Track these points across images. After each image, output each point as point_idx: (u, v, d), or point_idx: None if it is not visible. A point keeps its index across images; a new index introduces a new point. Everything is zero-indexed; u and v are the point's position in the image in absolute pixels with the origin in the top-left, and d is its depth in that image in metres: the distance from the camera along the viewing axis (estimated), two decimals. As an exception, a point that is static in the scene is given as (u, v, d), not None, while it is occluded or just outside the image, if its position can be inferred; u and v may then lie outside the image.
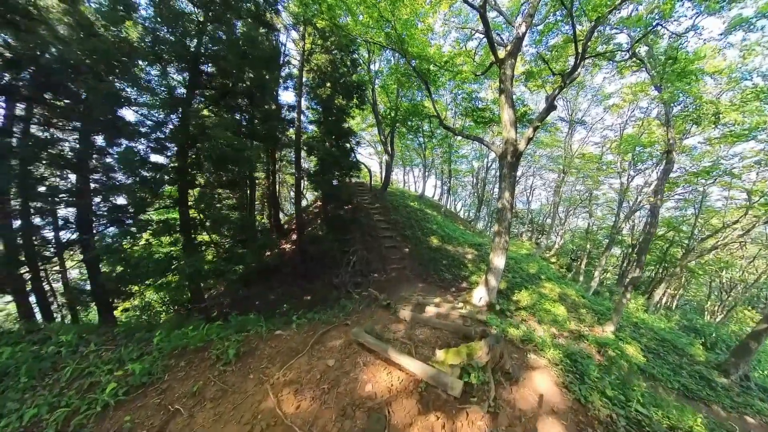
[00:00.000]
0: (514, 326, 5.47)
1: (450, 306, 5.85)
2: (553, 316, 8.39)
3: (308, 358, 3.97)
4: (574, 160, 16.94)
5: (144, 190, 6.87)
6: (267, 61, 8.55)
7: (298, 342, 4.44)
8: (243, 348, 4.35)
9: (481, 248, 13.06)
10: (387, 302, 5.72)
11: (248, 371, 3.85)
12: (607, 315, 9.58)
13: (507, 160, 6.72)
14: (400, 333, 4.56)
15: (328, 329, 4.72)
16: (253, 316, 5.62)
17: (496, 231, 7.07)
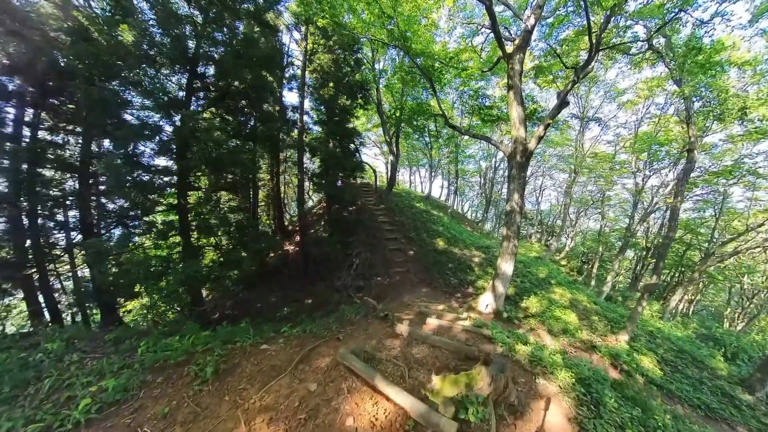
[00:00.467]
0: (522, 341, 5.09)
1: (453, 317, 5.48)
2: (563, 324, 7.97)
3: (290, 380, 3.69)
4: (585, 160, 16.33)
5: (141, 193, 6.73)
6: (265, 61, 8.37)
7: (283, 359, 4.17)
8: (224, 364, 4.11)
9: (489, 251, 12.65)
10: (384, 313, 5.41)
11: (225, 392, 3.60)
12: (621, 323, 9.08)
13: (516, 160, 6.36)
14: (395, 351, 4.22)
15: (317, 344, 4.45)
16: (244, 325, 5.39)
17: (504, 235, 6.73)
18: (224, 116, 9.59)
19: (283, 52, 14.30)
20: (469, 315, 6.34)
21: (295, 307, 9.30)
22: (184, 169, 7.52)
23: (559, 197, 27.49)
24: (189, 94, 7.95)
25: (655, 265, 7.64)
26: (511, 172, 6.36)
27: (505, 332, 5.17)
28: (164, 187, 7.43)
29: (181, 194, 8.10)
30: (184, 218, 8.17)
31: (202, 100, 8.88)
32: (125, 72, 6.48)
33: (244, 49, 7.68)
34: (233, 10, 8.39)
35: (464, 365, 3.76)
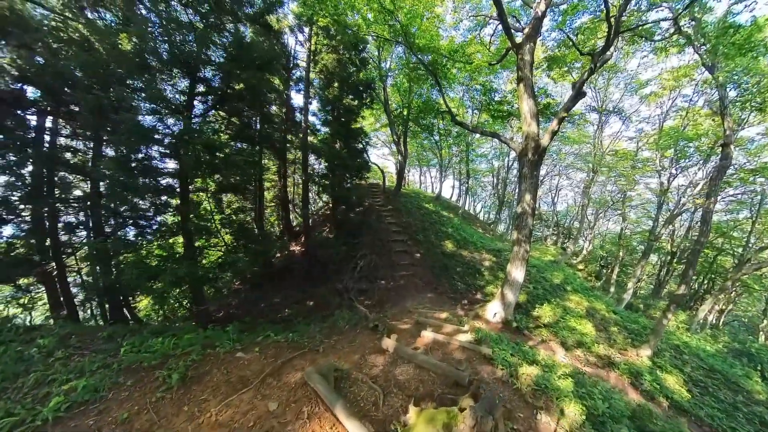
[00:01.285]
0: (529, 359, 4.59)
1: (454, 329, 5.03)
2: (578, 335, 7.37)
3: (254, 394, 3.44)
4: (605, 158, 15.38)
5: (139, 196, 6.66)
6: (265, 63, 8.20)
7: (254, 370, 3.93)
8: (193, 371, 3.93)
9: (500, 254, 12.07)
10: (374, 324, 5.03)
11: (186, 401, 3.44)
12: (643, 335, 8.37)
13: (528, 158, 5.87)
14: (377, 369, 3.82)
15: (293, 356, 4.17)
16: (229, 328, 5.16)
17: (515, 239, 6.25)
18: (229, 119, 9.50)
19: (289, 54, 14.21)
20: (473, 324, 5.89)
21: (296, 308, 9.08)
22: (181, 172, 7.44)
23: (577, 198, 26.34)
24: (191, 98, 7.89)
25: (683, 273, 6.93)
26: (522, 171, 5.87)
27: (509, 349, 4.67)
28: (163, 191, 7.33)
29: (182, 196, 8.03)
30: (186, 219, 8.11)
31: (205, 104, 8.82)
32: (124, 79, 6.45)
33: (244, 51, 7.53)
34: (233, 14, 8.31)
35: (451, 393, 3.32)
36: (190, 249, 8.04)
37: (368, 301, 8.01)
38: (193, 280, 6.89)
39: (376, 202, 16.31)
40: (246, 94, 7.95)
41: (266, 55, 8.20)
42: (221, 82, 8.04)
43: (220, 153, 6.52)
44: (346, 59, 11.93)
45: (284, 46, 13.62)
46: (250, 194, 12.28)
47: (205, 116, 8.12)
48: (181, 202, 8.08)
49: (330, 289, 9.42)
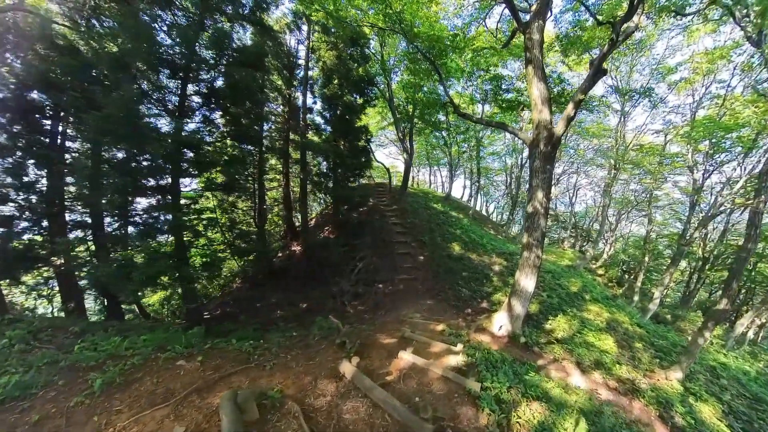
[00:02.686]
0: (532, 392, 3.75)
1: (443, 348, 4.25)
2: (597, 353, 6.50)
3: (168, 413, 3.02)
4: (628, 153, 14.11)
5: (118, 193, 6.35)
6: (254, 60, 7.83)
7: (185, 382, 3.49)
8: (123, 377, 3.58)
9: (512, 258, 11.21)
10: (342, 341, 4.36)
11: (100, 410, 3.13)
12: (672, 354, 7.38)
13: (540, 150, 5.10)
14: (323, 401, 3.17)
15: (235, 371, 3.64)
16: (196, 329, 4.69)
17: (525, 243, 5.49)
18: (226, 118, 9.16)
19: (291, 54, 13.88)
20: (475, 338, 5.16)
21: (289, 310, 8.60)
22: (177, 170, 7.14)
23: (596, 197, 24.80)
24: (182, 98, 7.57)
25: (725, 285, 5.96)
26: (533, 165, 5.10)
27: (507, 380, 3.83)
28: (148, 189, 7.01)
29: (173, 193, 7.70)
30: (177, 218, 7.80)
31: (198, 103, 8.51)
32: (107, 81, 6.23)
33: (228, 48, 7.17)
34: (220, 11, 7.96)
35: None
36: (180, 247, 7.73)
37: (362, 306, 7.41)
38: (181, 278, 6.51)
39: (381, 202, 15.72)
40: (232, 91, 7.54)
41: (253, 52, 7.80)
42: (207, 79, 7.67)
43: (202, 151, 6.10)
44: (346, 56, 11.47)
45: (280, 45, 13.30)
46: (244, 193, 11.94)
47: (192, 115, 7.74)
48: (171, 200, 7.77)
49: (325, 292, 8.87)
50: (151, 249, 6.51)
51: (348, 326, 4.70)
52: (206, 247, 8.11)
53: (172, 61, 6.56)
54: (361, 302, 7.62)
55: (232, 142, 10.00)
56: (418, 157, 27.19)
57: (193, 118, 7.88)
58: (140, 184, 6.50)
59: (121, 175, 5.98)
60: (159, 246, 7.37)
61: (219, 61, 7.40)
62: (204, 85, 7.56)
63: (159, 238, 8.28)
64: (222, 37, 7.71)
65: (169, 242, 8.32)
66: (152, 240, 7.25)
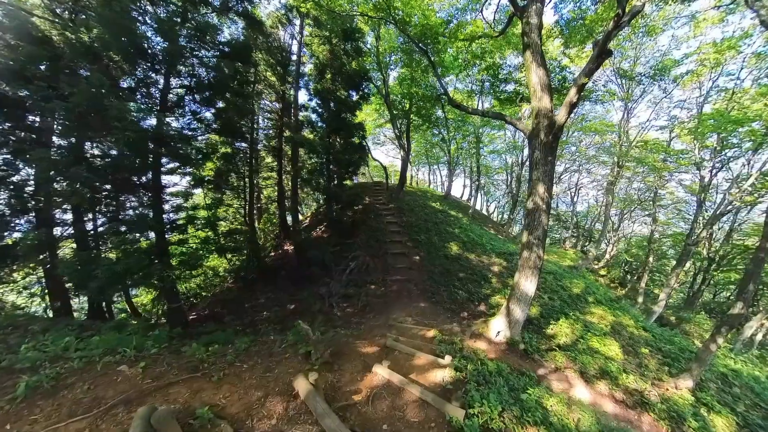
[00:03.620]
0: (529, 415, 3.25)
1: (429, 361, 3.72)
2: (602, 360, 6.06)
3: (87, 425, 2.62)
4: (632, 150, 13.63)
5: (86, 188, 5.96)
6: (238, 53, 7.44)
7: (119, 390, 3.07)
8: (54, 382, 3.17)
9: (512, 258, 10.78)
10: (308, 350, 3.90)
11: (16, 418, 2.74)
12: (681, 359, 6.96)
13: (540, 140, 4.67)
14: (266, 424, 2.71)
15: (177, 381, 3.21)
16: (158, 332, 4.29)
17: (524, 242, 5.04)
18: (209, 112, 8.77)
19: (284, 50, 13.50)
20: (469, 345, 4.72)
21: (276, 312, 8.19)
22: (155, 165, 6.75)
23: (599, 197, 24.28)
24: (165, 92, 7.17)
25: (740, 288, 5.52)
26: (533, 157, 4.67)
27: (499, 402, 3.24)
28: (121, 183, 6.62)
29: (153, 190, 7.30)
30: (159, 214, 7.43)
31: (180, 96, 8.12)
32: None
33: (208, 38, 6.77)
34: (206, 3, 7.57)
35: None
36: (161, 245, 7.35)
37: (350, 308, 6.99)
38: (153, 276, 6.11)
39: (378, 201, 15.34)
40: (218, 84, 7.14)
41: (238, 44, 7.41)
42: (192, 72, 7.27)
43: (177, 145, 5.69)
44: (339, 50, 11.07)
45: (273, 40, 12.90)
46: (233, 190, 11.54)
47: (176, 109, 7.33)
48: (152, 196, 7.37)
49: (315, 293, 8.45)
50: (123, 246, 6.10)
51: (319, 333, 4.21)
52: (188, 245, 7.71)
53: (151, 53, 6.15)
54: (351, 304, 7.20)
55: (221, 137, 9.64)
56: (417, 156, 26.77)
57: (176, 112, 7.48)
58: (110, 178, 6.08)
59: (89, 168, 5.55)
60: (131, 243, 7.00)
61: (200, 53, 6.97)
62: (188, 78, 7.15)
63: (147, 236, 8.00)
64: (205, 29, 7.32)
65: (151, 240, 7.95)
66: (128, 237, 6.85)
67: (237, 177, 12.14)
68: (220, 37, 8.51)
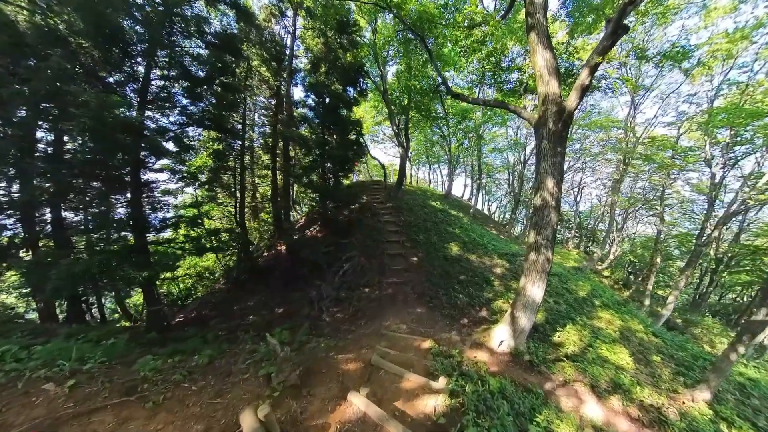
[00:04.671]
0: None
1: (420, 384, 3.08)
2: (613, 371, 5.58)
3: None
4: (638, 147, 13.10)
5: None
6: (224, 42, 6.98)
7: (32, 416, 2.58)
8: None
9: (515, 260, 10.31)
10: (270, 372, 3.39)
11: None
12: (694, 367, 6.48)
13: (548, 129, 4.19)
14: None
15: (103, 406, 2.72)
16: (114, 341, 3.82)
17: (531, 243, 4.55)
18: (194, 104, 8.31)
19: (278, 44, 13.06)
20: (470, 357, 4.25)
21: (263, 316, 7.72)
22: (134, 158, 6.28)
23: (602, 196, 23.75)
24: (146, 83, 6.70)
25: (763, 293, 5.04)
26: (540, 147, 4.19)
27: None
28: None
29: (132, 185, 6.85)
30: (138, 211, 6.98)
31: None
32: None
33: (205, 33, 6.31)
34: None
35: None
36: (140, 244, 6.89)
37: (341, 313, 6.51)
38: (128, 280, 5.65)
39: (375, 199, 14.87)
40: (198, 78, 6.69)
41: (224, 34, 6.96)
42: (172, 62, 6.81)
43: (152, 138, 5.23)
44: (334, 43, 10.61)
45: (264, 32, 12.46)
46: (218, 187, 11.09)
47: (158, 101, 6.87)
48: (131, 192, 6.92)
49: (305, 296, 7.97)
50: (92, 245, 5.65)
51: (288, 350, 3.65)
52: (168, 245, 7.27)
53: (127, 40, 5.69)
54: (342, 309, 6.71)
55: (213, 133, 9.19)
56: (417, 155, 26.30)
57: (159, 104, 7.02)
58: (77, 172, 5.62)
59: (52, 161, 5.10)
60: (103, 241, 6.56)
61: (183, 42, 6.52)
62: (172, 68, 6.70)
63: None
64: (190, 18, 6.88)
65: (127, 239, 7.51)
66: (100, 234, 6.41)
67: (228, 174, 11.70)
68: (209, 29, 8.12)
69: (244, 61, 10.90)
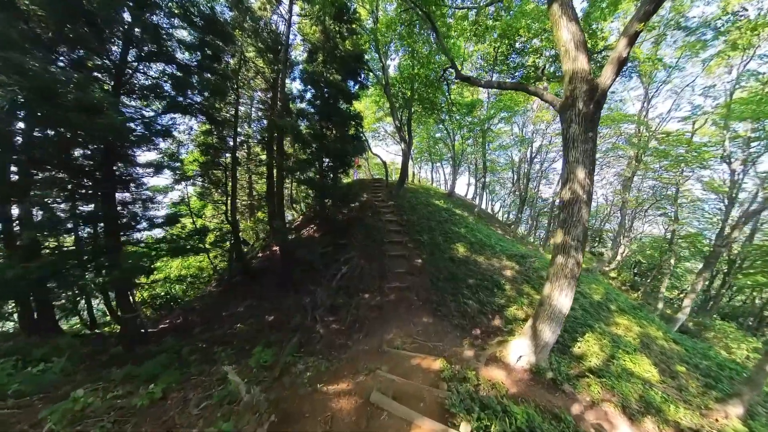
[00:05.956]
0: None
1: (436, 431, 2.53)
2: (640, 386, 5.00)
3: None
4: (651, 143, 12.49)
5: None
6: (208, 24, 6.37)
7: None
8: None
9: (525, 261, 9.72)
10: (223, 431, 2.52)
11: None
12: (721, 378, 5.96)
13: (578, 110, 3.59)
14: None
15: None
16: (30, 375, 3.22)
17: (559, 244, 3.90)
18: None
19: (274, 33, 12.47)
20: (481, 376, 3.65)
21: (252, 323, 7.10)
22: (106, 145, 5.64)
23: (608, 195, 23.09)
24: (121, 66, 6.07)
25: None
26: (569, 133, 3.58)
27: None
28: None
29: (104, 179, 6.23)
30: (111, 205, 6.38)
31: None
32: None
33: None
34: None
35: None
36: (112, 241, 6.27)
37: (337, 324, 5.87)
38: (82, 286, 5.05)
39: (376, 198, 14.28)
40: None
41: (209, 15, 6.34)
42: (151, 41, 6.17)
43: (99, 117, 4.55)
44: (332, 30, 10.01)
45: (260, 22, 11.85)
46: (208, 182, 10.50)
47: (125, 83, 6.24)
48: (102, 186, 6.28)
49: (298, 302, 7.34)
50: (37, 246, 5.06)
51: (256, 391, 2.83)
52: (138, 246, 6.67)
53: (89, 12, 5.03)
54: (338, 318, 6.08)
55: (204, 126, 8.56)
56: (420, 153, 25.71)
57: (136, 86, 6.39)
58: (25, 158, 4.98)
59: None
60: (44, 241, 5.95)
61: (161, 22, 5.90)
62: (149, 45, 6.07)
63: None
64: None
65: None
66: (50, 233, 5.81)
67: (220, 170, 11.12)
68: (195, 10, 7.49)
69: (237, 48, 10.28)
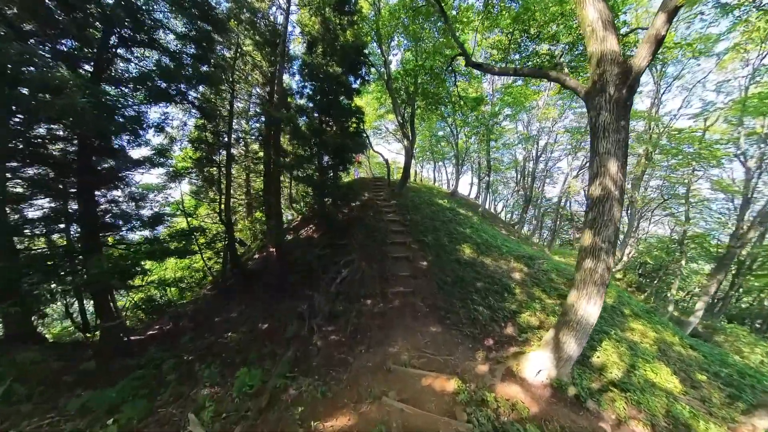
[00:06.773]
0: None
1: None
2: (664, 399, 4.63)
3: None
4: (661, 140, 12.08)
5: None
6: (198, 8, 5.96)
7: None
8: None
9: (533, 263, 9.33)
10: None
11: None
12: (744, 387, 5.55)
13: (608, 96, 3.19)
14: None
15: None
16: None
17: (586, 246, 3.49)
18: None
19: (272, 26, 12.07)
20: (498, 393, 3.25)
21: (244, 331, 6.66)
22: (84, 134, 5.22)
23: (614, 195, 22.54)
24: (102, 50, 5.65)
25: None
26: (598, 121, 3.17)
27: None
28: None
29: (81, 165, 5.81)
30: (89, 202, 5.97)
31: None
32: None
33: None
34: None
35: None
36: (90, 241, 5.86)
37: (336, 334, 5.42)
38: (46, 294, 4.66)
39: (378, 197, 13.86)
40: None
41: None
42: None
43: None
44: (333, 21, 9.60)
45: (258, 14, 11.47)
46: (201, 179, 10.07)
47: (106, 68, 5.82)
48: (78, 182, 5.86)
49: (294, 308, 6.90)
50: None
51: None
52: (116, 249, 6.27)
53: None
54: (337, 328, 5.62)
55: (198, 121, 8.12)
56: (422, 152, 25.30)
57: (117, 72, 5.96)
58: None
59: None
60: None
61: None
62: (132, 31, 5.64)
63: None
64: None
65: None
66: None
67: (214, 166, 10.70)
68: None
69: (232, 40, 9.88)
